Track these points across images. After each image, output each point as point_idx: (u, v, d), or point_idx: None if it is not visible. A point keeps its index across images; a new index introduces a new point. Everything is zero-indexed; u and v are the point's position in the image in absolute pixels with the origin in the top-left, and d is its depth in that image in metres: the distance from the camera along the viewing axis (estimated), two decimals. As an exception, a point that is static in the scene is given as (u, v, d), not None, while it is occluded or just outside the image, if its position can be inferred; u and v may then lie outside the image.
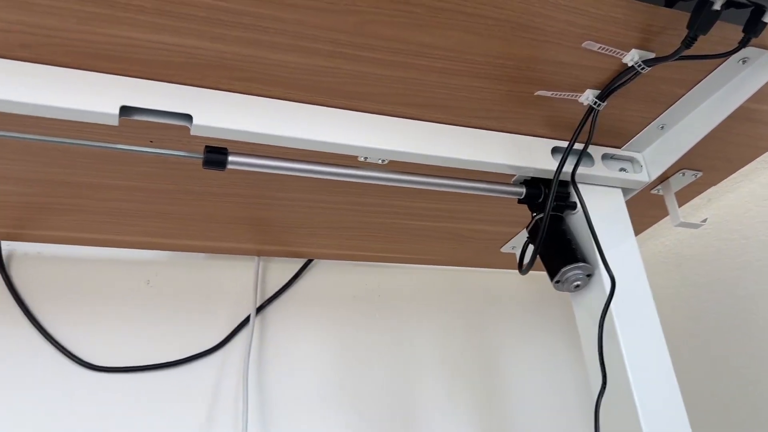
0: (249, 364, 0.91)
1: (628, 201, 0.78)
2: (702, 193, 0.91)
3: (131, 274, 0.93)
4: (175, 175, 0.74)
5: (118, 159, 0.70)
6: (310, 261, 1.03)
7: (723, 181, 0.89)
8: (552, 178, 0.71)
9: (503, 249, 1.01)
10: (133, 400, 0.85)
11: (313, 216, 0.86)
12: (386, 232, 0.93)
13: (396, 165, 0.70)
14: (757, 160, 0.85)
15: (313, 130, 0.65)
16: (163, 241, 0.89)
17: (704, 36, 0.58)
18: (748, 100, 0.68)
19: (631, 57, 0.63)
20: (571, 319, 0.74)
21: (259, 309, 0.97)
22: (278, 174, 0.70)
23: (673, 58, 0.60)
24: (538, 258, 0.72)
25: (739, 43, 0.61)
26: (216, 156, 0.62)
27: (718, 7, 0.55)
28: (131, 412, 0.84)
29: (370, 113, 0.68)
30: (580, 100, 0.69)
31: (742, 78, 0.68)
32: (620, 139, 0.77)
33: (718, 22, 0.57)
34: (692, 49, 0.59)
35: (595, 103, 0.68)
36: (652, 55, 0.63)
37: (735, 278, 1.01)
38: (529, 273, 0.72)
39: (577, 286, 0.71)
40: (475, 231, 0.95)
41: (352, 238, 0.94)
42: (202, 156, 0.62)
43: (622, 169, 0.78)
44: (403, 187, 0.75)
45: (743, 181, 0.99)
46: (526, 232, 0.76)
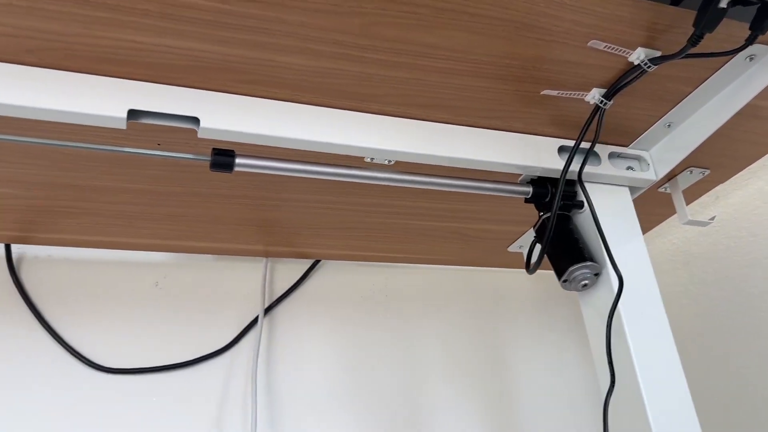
0: (258, 364, 0.91)
1: (635, 199, 0.78)
2: (710, 191, 0.91)
3: (140, 276, 0.94)
4: (183, 177, 0.74)
5: (126, 162, 0.71)
6: (318, 262, 1.04)
7: (731, 179, 0.88)
8: (559, 177, 0.71)
9: (510, 248, 1.01)
10: (143, 402, 0.85)
11: (320, 217, 0.86)
12: (393, 233, 0.93)
13: (402, 165, 0.70)
14: (765, 157, 0.85)
15: (320, 131, 0.65)
16: (171, 243, 0.90)
17: (710, 34, 0.58)
18: (755, 98, 0.68)
19: (638, 55, 0.62)
20: (579, 319, 0.74)
21: (268, 310, 0.98)
22: (285, 175, 0.70)
23: (679, 56, 0.60)
24: (546, 257, 0.72)
25: (746, 40, 0.60)
26: (223, 158, 0.63)
27: (724, 5, 0.55)
28: (141, 414, 0.85)
29: (376, 114, 0.68)
30: (586, 99, 0.69)
31: (749, 75, 0.68)
32: (627, 137, 0.77)
33: (725, 20, 0.56)
34: (698, 47, 0.59)
35: (602, 101, 0.67)
36: (659, 54, 0.62)
37: (743, 276, 1.00)
38: (537, 272, 0.72)
39: (585, 286, 0.71)
40: (481, 230, 0.94)
41: (359, 239, 0.94)
42: (210, 158, 0.62)
43: (629, 168, 0.78)
44: (410, 187, 0.76)
45: (751, 179, 0.98)
46: (533, 232, 0.76)
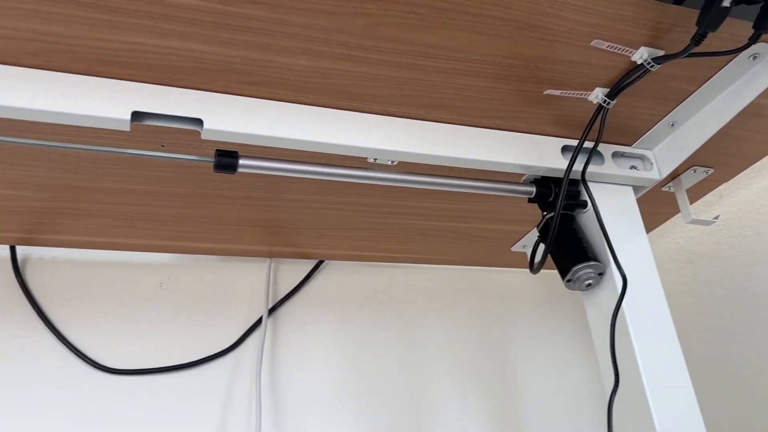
0: (262, 365, 0.91)
1: (639, 199, 0.78)
2: (714, 190, 0.91)
3: (144, 277, 0.94)
4: (187, 178, 0.74)
5: (129, 163, 0.71)
6: (321, 262, 1.04)
7: (735, 178, 0.88)
8: (562, 177, 0.71)
9: (514, 248, 1.01)
10: (147, 402, 0.86)
11: (323, 217, 0.86)
12: (396, 233, 0.93)
13: (405, 166, 0.70)
14: (769, 155, 0.84)
15: (323, 132, 0.65)
16: (175, 244, 0.90)
17: (714, 33, 0.58)
18: (759, 96, 0.68)
19: (641, 55, 0.62)
20: (583, 318, 0.74)
21: (271, 310, 0.98)
22: (288, 176, 0.70)
23: (682, 55, 0.60)
24: (550, 257, 0.72)
25: (750, 39, 0.60)
26: (227, 159, 0.63)
27: (727, 4, 0.55)
28: (145, 414, 0.85)
29: (379, 115, 0.68)
30: (589, 99, 0.69)
31: (753, 74, 0.68)
32: (630, 136, 0.77)
33: (728, 19, 0.56)
34: (702, 46, 0.59)
35: (605, 101, 0.67)
36: (662, 53, 0.62)
37: (748, 274, 1.00)
38: (541, 272, 0.72)
39: (589, 285, 0.71)
40: (485, 230, 0.94)
41: (363, 239, 0.94)
42: (213, 160, 0.63)
43: (633, 167, 0.78)
44: (412, 187, 0.76)
45: (755, 177, 0.98)
46: (537, 231, 0.76)
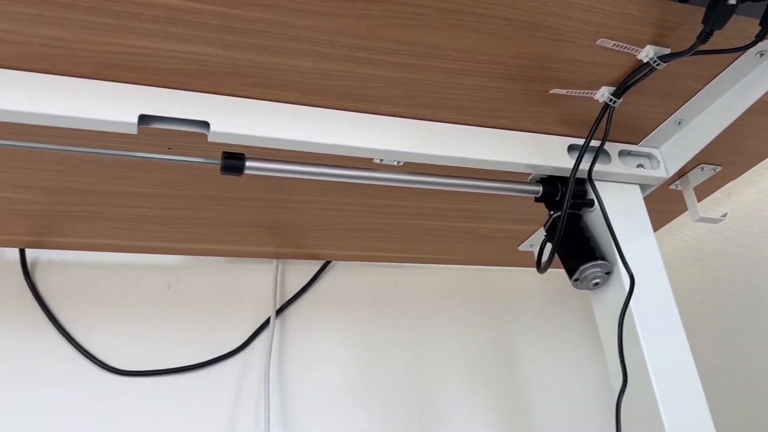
0: (270, 365, 0.92)
1: (646, 197, 0.78)
2: (721, 188, 0.90)
3: (152, 279, 0.94)
4: (194, 180, 0.75)
5: (137, 166, 0.71)
6: (328, 263, 1.04)
7: (742, 175, 0.88)
8: (569, 176, 0.71)
9: (521, 247, 1.00)
10: (156, 404, 0.86)
11: (330, 218, 0.86)
12: (403, 233, 0.93)
13: (411, 166, 0.70)
14: (777, 153, 0.84)
15: (329, 133, 0.65)
16: (183, 245, 0.90)
17: (720, 30, 0.57)
18: (766, 93, 0.67)
19: (646, 53, 0.62)
20: (591, 317, 0.74)
21: (279, 311, 0.98)
22: (294, 178, 0.70)
23: (689, 53, 0.60)
24: (557, 256, 0.71)
25: (756, 36, 0.60)
26: (233, 162, 0.63)
27: (733, 2, 0.54)
28: (154, 415, 0.85)
29: (385, 115, 0.68)
30: (595, 98, 0.68)
31: (760, 71, 0.67)
32: (637, 135, 0.77)
33: (734, 16, 0.56)
34: (708, 44, 0.58)
35: (611, 100, 0.67)
36: (668, 51, 0.62)
37: (756, 272, 1.00)
38: (548, 271, 0.72)
39: (596, 284, 0.71)
40: (491, 230, 0.94)
41: (370, 240, 0.94)
42: (220, 162, 0.63)
43: (640, 165, 0.78)
44: (419, 188, 0.76)
45: (763, 175, 0.97)
46: (544, 231, 0.76)
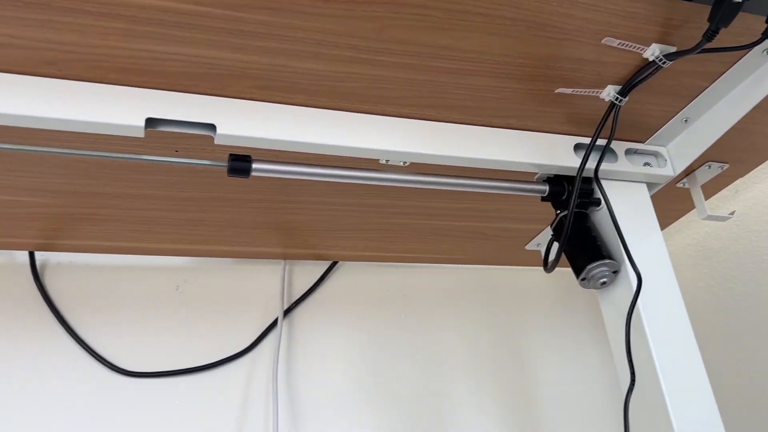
0: (278, 366, 0.92)
1: (653, 195, 0.77)
2: (729, 185, 0.90)
3: (161, 281, 0.95)
4: (201, 182, 0.75)
5: (144, 169, 0.71)
6: (336, 263, 1.04)
7: (750, 173, 0.88)
8: (575, 175, 0.71)
9: (528, 246, 1.00)
10: (165, 405, 0.86)
11: (336, 219, 0.87)
12: (409, 233, 0.93)
13: (417, 167, 0.70)
14: (785, 150, 0.84)
15: (335, 135, 0.65)
16: (191, 247, 0.91)
17: (726, 28, 0.57)
18: (773, 91, 0.67)
19: (652, 52, 0.62)
20: (599, 317, 0.74)
21: (287, 312, 0.98)
22: (301, 179, 0.70)
23: (694, 51, 0.59)
24: (564, 255, 0.71)
25: (763, 34, 0.60)
26: (240, 164, 0.63)
27: (739, -1, 0.54)
28: (163, 416, 0.86)
29: (391, 116, 0.68)
30: (601, 97, 0.68)
31: (767, 68, 0.67)
32: (643, 133, 0.77)
33: (740, 14, 0.56)
34: (714, 42, 0.58)
35: (617, 98, 0.67)
36: (674, 49, 0.62)
37: (764, 270, 0.99)
38: (555, 270, 0.72)
39: (604, 284, 0.71)
40: (498, 229, 0.94)
41: (376, 240, 0.94)
42: (227, 164, 0.63)
43: (647, 164, 0.77)
44: (425, 188, 0.76)
45: (771, 172, 0.97)
46: (551, 230, 0.76)
